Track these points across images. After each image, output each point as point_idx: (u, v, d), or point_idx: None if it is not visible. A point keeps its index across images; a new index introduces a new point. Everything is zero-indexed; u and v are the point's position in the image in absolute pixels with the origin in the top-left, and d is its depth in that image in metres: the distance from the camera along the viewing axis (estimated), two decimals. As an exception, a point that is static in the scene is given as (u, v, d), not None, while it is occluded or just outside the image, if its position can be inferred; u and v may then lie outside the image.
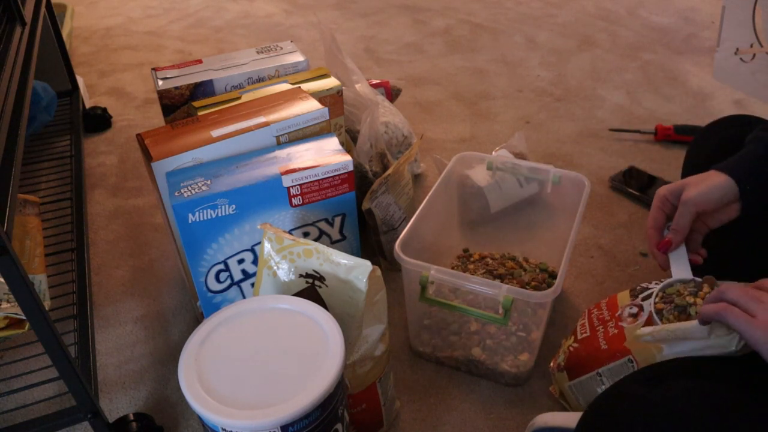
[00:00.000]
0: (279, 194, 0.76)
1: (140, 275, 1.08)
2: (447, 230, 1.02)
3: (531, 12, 2.19)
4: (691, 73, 1.71)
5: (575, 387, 0.75)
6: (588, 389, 0.73)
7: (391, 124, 1.18)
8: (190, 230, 0.73)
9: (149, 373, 0.90)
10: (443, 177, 0.94)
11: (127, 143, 1.47)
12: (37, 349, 0.81)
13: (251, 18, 2.21)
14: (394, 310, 0.97)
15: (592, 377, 0.72)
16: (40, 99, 1.28)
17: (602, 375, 0.71)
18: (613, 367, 0.69)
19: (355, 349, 0.66)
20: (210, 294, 0.80)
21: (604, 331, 0.72)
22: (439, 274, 0.76)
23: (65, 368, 0.66)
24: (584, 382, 0.73)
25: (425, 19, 2.16)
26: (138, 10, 2.32)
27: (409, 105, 1.59)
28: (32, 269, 0.94)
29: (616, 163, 1.33)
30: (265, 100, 0.88)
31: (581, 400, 0.75)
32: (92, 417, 0.72)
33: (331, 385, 0.53)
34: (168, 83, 0.94)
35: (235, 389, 0.53)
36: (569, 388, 0.76)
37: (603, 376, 0.71)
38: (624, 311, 0.71)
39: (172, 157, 0.76)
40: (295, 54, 1.03)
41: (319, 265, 0.67)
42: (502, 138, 1.43)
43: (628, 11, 2.16)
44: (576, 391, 0.75)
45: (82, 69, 1.85)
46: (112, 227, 1.20)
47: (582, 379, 0.74)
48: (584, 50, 1.86)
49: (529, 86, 1.68)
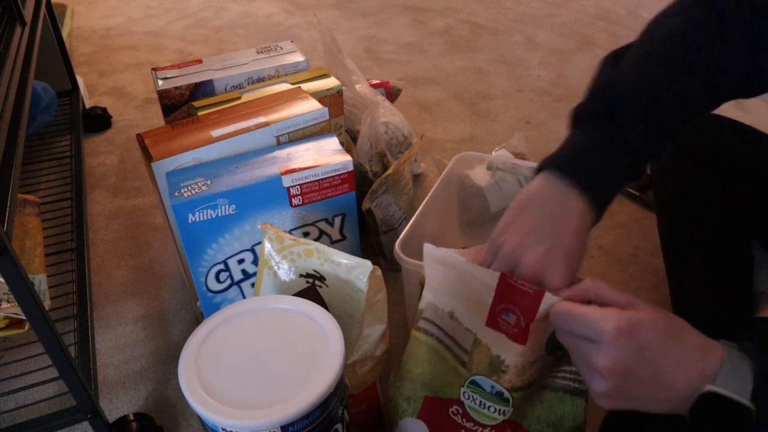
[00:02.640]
0: (279, 194, 0.76)
1: (140, 275, 1.08)
2: (447, 230, 1.02)
3: (531, 12, 2.19)
4: (691, 73, 1.71)
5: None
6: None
7: (391, 124, 1.18)
8: (190, 230, 0.73)
9: (149, 373, 0.90)
10: (443, 177, 0.94)
11: (127, 143, 1.47)
12: (37, 349, 0.80)
13: (251, 18, 2.21)
14: (394, 310, 0.97)
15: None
16: (40, 99, 1.28)
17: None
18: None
19: (356, 349, 0.66)
20: (210, 294, 0.80)
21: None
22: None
23: (65, 368, 0.66)
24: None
25: (425, 19, 2.16)
26: (138, 10, 2.32)
27: (409, 105, 1.59)
28: (32, 269, 0.94)
29: (616, 163, 1.33)
30: (265, 100, 0.88)
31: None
32: (92, 417, 0.72)
33: (331, 385, 0.53)
34: (168, 83, 0.94)
35: (235, 389, 0.53)
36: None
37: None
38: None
39: (172, 157, 0.76)
40: (295, 54, 1.03)
41: (320, 265, 0.67)
42: (502, 138, 1.43)
43: (628, 11, 2.16)
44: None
45: (82, 69, 1.85)
46: (112, 227, 1.20)
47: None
48: (584, 50, 1.86)
49: (529, 86, 1.68)
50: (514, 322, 0.54)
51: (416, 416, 0.64)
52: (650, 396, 0.47)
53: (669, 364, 0.45)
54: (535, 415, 0.59)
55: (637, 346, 0.45)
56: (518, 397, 0.58)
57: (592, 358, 0.46)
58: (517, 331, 0.54)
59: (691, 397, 0.45)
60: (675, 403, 0.46)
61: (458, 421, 0.61)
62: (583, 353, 0.47)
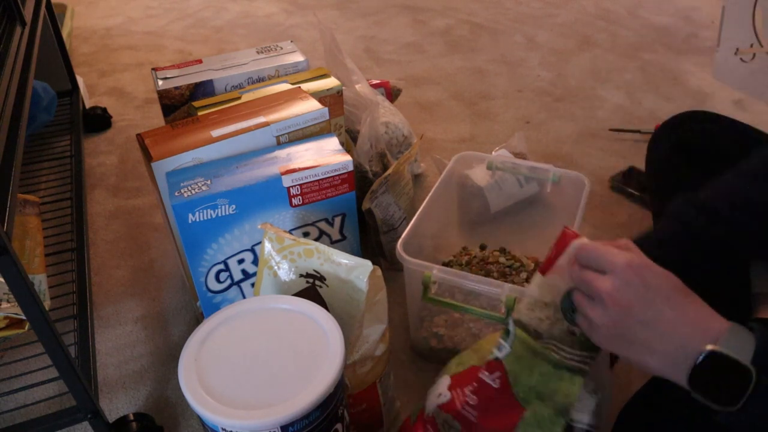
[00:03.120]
0: (279, 194, 0.76)
1: (140, 275, 1.08)
2: (447, 230, 1.02)
3: (531, 12, 2.19)
4: (691, 73, 1.71)
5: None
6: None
7: (391, 124, 1.18)
8: (190, 230, 0.73)
9: (149, 373, 0.90)
10: (443, 177, 0.94)
11: (127, 143, 1.47)
12: (37, 349, 0.80)
13: (251, 18, 2.21)
14: (395, 310, 0.97)
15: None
16: (40, 99, 1.28)
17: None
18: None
19: (356, 349, 0.66)
20: (210, 294, 0.80)
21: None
22: (442, 273, 0.76)
23: (65, 368, 0.66)
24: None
25: (425, 19, 2.16)
26: (138, 10, 2.32)
27: (409, 105, 1.59)
28: (32, 269, 0.94)
29: (616, 163, 1.33)
30: (265, 100, 0.88)
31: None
32: (92, 417, 0.72)
33: (331, 385, 0.53)
34: (168, 83, 0.94)
35: (235, 389, 0.53)
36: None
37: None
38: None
39: (172, 157, 0.76)
40: (295, 54, 1.03)
41: (320, 264, 0.67)
42: (502, 138, 1.43)
43: (628, 11, 2.16)
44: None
45: (82, 69, 1.85)
46: (112, 227, 1.20)
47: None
48: (584, 50, 1.86)
49: (529, 86, 1.68)
50: (546, 256, 0.59)
51: (451, 375, 0.66)
52: (645, 343, 0.47)
53: (670, 316, 0.46)
54: (528, 384, 0.59)
55: (643, 285, 0.47)
56: (519, 343, 0.58)
57: (598, 284, 0.48)
58: (544, 263, 0.58)
59: (689, 356, 0.45)
60: (670, 359, 0.46)
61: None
62: (588, 282, 0.49)
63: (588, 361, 0.57)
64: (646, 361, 0.47)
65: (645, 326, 0.47)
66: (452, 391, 0.63)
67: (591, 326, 0.50)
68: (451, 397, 0.63)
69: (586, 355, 0.57)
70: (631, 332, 0.47)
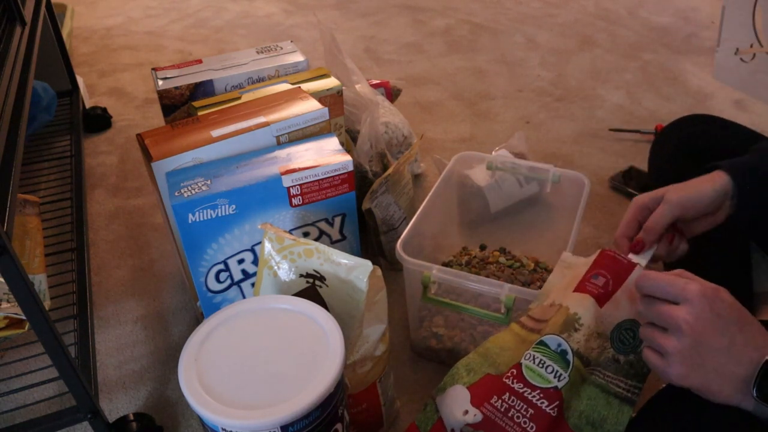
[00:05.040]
0: (279, 194, 0.76)
1: (140, 275, 1.08)
2: (447, 230, 1.02)
3: (531, 12, 2.19)
4: (691, 73, 1.71)
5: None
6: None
7: (391, 124, 1.18)
8: (190, 230, 0.73)
9: (149, 373, 0.90)
10: (443, 177, 0.94)
11: (127, 143, 1.47)
12: (37, 349, 0.81)
13: (251, 18, 2.21)
14: (395, 310, 0.97)
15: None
16: (40, 99, 1.28)
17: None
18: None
19: (356, 349, 0.66)
20: (210, 294, 0.80)
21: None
22: (441, 273, 0.76)
23: (65, 368, 0.66)
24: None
25: (425, 19, 2.16)
26: (138, 10, 2.32)
27: (409, 105, 1.59)
28: (32, 269, 0.94)
29: (616, 163, 1.33)
30: (265, 100, 0.88)
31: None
32: (92, 417, 0.72)
33: (331, 385, 0.53)
34: (168, 83, 0.94)
35: (235, 389, 0.53)
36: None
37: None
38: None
39: (172, 157, 0.76)
40: (295, 54, 1.03)
41: (320, 264, 0.67)
42: (502, 138, 1.43)
43: (628, 11, 2.16)
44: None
45: (82, 69, 1.85)
46: (112, 227, 1.20)
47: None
48: (584, 50, 1.86)
49: (529, 86, 1.68)
50: (602, 283, 0.59)
51: (467, 386, 0.65)
52: (719, 368, 0.49)
53: (740, 339, 0.49)
54: (579, 409, 0.59)
55: (716, 314, 0.49)
56: (575, 372, 0.59)
57: (675, 313, 0.49)
58: (602, 292, 0.58)
59: (753, 375, 0.47)
60: (739, 383, 0.48)
61: (509, 383, 0.62)
62: (663, 313, 0.51)
63: (635, 391, 0.58)
64: (719, 387, 0.49)
65: (719, 352, 0.49)
66: (481, 408, 0.62)
67: (665, 358, 0.51)
68: (485, 417, 0.61)
69: (630, 384, 0.58)
70: (706, 360, 0.49)
